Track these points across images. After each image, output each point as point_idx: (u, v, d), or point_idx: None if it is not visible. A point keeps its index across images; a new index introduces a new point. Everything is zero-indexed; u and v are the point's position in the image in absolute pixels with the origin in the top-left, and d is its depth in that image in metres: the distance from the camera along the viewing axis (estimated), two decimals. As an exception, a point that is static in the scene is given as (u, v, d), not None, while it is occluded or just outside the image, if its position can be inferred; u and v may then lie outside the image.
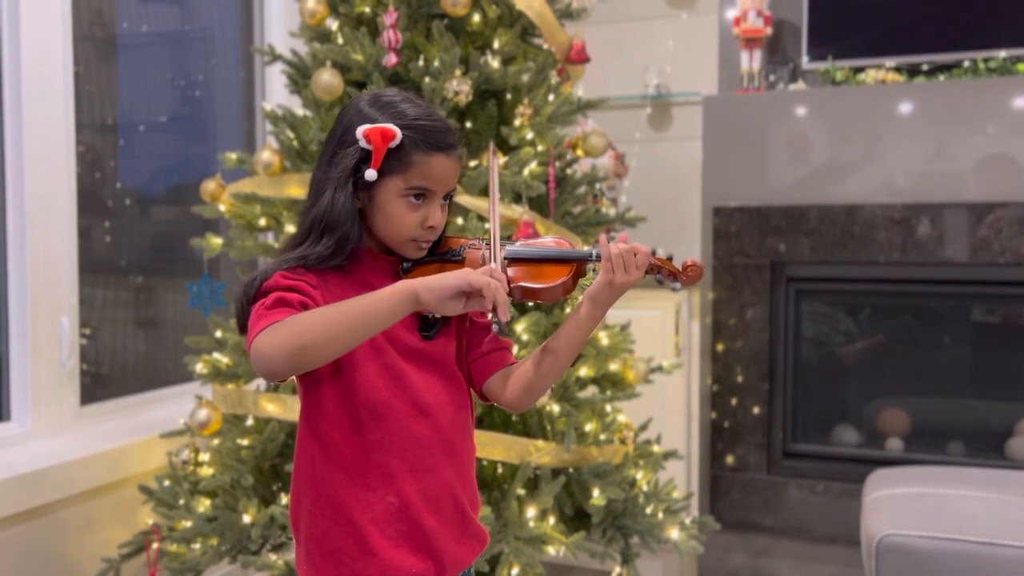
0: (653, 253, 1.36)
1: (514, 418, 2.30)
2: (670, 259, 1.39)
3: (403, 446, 1.32)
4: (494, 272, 1.24)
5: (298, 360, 1.18)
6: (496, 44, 2.39)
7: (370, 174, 1.29)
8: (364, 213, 1.33)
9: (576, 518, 2.38)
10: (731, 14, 3.52)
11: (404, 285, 1.21)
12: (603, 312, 1.37)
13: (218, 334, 2.48)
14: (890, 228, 3.20)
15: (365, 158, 1.29)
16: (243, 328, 1.28)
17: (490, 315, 1.23)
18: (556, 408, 2.29)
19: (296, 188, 2.35)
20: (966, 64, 3.21)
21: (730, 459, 3.44)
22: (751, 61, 3.47)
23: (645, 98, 3.84)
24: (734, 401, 3.42)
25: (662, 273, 1.37)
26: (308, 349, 1.17)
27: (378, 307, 1.20)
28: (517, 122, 2.35)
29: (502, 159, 2.30)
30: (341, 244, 1.29)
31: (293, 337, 1.17)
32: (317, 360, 1.21)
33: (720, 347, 3.44)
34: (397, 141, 1.29)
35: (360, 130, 1.29)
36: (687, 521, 2.45)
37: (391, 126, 1.29)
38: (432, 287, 1.20)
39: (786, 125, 3.34)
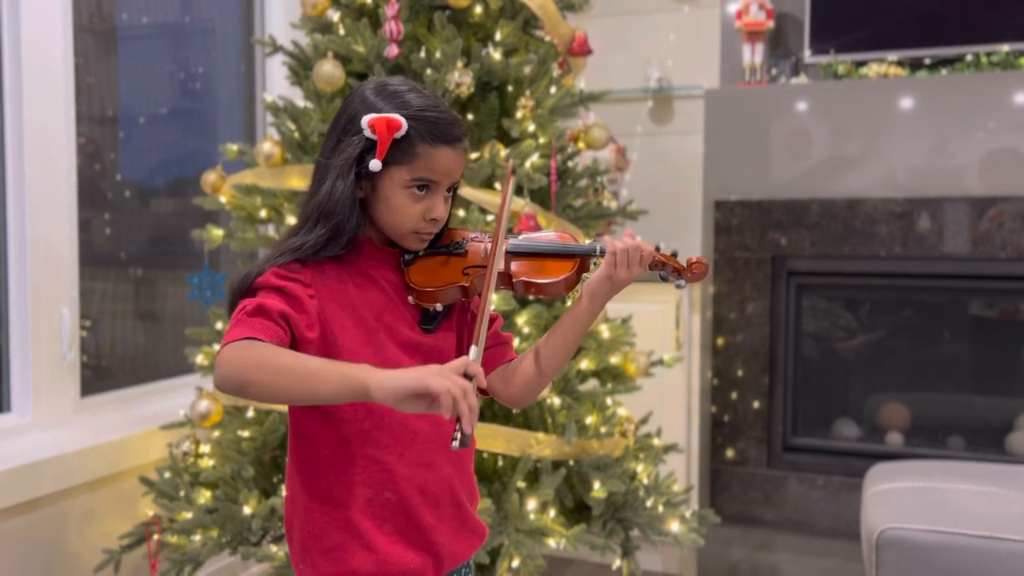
0: (657, 249, 1.35)
1: (515, 411, 2.30)
2: (674, 256, 1.37)
3: (400, 441, 1.31)
4: (470, 367, 1.12)
5: (240, 392, 1.16)
6: (498, 36, 2.38)
7: (374, 164, 1.27)
8: (366, 203, 1.32)
9: (576, 511, 2.38)
10: (733, 7, 3.51)
11: (359, 374, 1.11)
12: (601, 307, 1.36)
13: (219, 326, 2.48)
14: (891, 222, 3.20)
15: (369, 147, 1.28)
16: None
17: (456, 430, 1.10)
18: (557, 401, 2.29)
19: (297, 179, 2.35)
20: (968, 58, 3.20)
21: (730, 453, 3.44)
22: (753, 55, 3.46)
23: (647, 91, 3.83)
24: (734, 395, 3.42)
25: (666, 269, 1.36)
26: (250, 388, 1.15)
27: (325, 381, 1.12)
28: (519, 114, 2.35)
29: (503, 151, 2.30)
30: (336, 233, 1.28)
31: (244, 370, 1.14)
32: (257, 400, 1.20)
33: (720, 341, 3.44)
34: (403, 132, 1.27)
35: (365, 119, 1.27)
36: (687, 514, 2.45)
37: (397, 116, 1.27)
38: (385, 385, 1.09)
39: (788, 119, 3.33)
